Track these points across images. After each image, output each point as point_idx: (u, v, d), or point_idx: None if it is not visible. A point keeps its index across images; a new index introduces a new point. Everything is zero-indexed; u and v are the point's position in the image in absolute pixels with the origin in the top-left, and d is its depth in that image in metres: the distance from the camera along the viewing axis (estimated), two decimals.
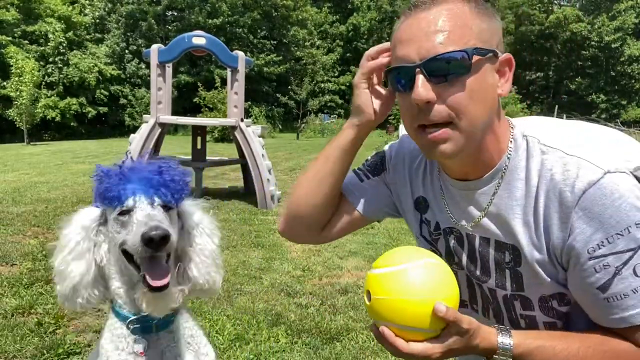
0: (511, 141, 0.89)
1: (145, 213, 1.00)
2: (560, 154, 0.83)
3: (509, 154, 0.88)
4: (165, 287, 0.99)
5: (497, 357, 0.79)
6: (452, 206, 0.97)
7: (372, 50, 0.98)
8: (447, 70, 0.79)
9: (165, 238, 0.94)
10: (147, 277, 0.99)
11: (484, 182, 0.90)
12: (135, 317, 1.08)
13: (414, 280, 0.75)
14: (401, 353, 0.78)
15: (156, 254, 0.98)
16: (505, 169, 0.88)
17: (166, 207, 1.04)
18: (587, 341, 0.80)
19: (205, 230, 1.15)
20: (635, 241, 0.75)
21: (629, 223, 0.76)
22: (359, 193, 1.12)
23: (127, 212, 1.02)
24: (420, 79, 0.80)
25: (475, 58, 0.79)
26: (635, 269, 0.76)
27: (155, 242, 0.94)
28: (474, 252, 0.95)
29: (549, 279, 0.85)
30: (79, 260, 1.06)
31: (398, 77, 0.85)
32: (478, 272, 0.96)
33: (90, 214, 1.10)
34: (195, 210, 1.17)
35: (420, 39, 0.80)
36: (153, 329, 1.09)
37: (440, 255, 1.02)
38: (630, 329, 0.78)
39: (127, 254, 1.03)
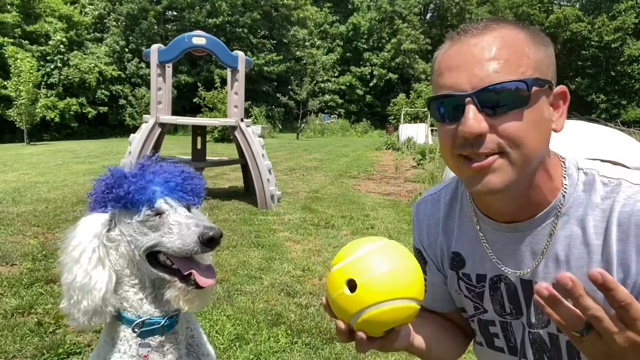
0: (564, 177, 0.82)
1: (185, 215, 1.03)
2: (627, 184, 0.78)
3: (564, 191, 0.81)
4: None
5: None
6: (497, 252, 0.89)
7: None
8: (503, 101, 0.72)
9: (222, 237, 1.00)
10: (197, 276, 1.03)
11: (537, 222, 0.83)
12: (141, 320, 1.08)
13: (393, 251, 0.73)
14: None
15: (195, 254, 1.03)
16: (561, 206, 0.81)
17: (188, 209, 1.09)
18: None
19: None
20: None
21: None
22: (433, 302, 1.06)
23: (157, 214, 1.03)
24: (471, 108, 0.72)
25: (534, 89, 0.73)
26: None
27: (215, 241, 0.99)
28: (530, 299, 0.88)
29: None
30: (100, 269, 1.04)
31: (442, 106, 0.77)
32: (534, 319, 0.89)
33: (98, 220, 1.07)
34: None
35: (472, 66, 0.73)
36: (160, 331, 1.09)
37: (486, 311, 0.95)
38: None
39: (150, 257, 1.06)
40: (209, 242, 0.98)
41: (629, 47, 39.62)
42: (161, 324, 1.08)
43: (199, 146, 7.34)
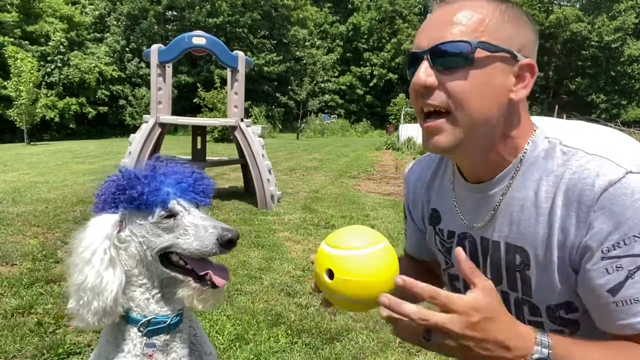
0: (529, 142, 0.87)
1: (200, 216, 1.05)
2: (582, 153, 0.82)
3: (523, 155, 0.87)
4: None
5: None
6: (464, 210, 0.97)
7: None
8: (450, 59, 0.79)
9: (239, 238, 1.02)
10: (213, 276, 1.06)
11: (496, 182, 0.89)
12: (147, 319, 1.08)
13: (379, 262, 0.79)
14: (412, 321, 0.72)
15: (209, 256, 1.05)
16: (517, 169, 0.87)
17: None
18: (618, 349, 0.77)
19: None
20: None
21: None
22: (411, 248, 1.20)
23: (171, 216, 1.04)
24: (424, 64, 0.81)
25: (481, 52, 0.79)
26: None
27: (233, 243, 1.01)
28: (487, 256, 0.94)
29: (558, 284, 0.84)
30: (112, 270, 1.04)
31: (409, 64, 0.86)
32: (489, 276, 0.94)
33: (109, 220, 1.06)
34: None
35: (433, 29, 0.82)
36: (166, 330, 1.09)
37: (453, 265, 1.02)
38: (637, 336, 0.75)
39: (162, 257, 1.07)
40: (228, 243, 1.01)
41: (629, 47, 39.63)
42: (167, 322, 1.09)
43: (199, 146, 7.34)
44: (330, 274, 0.79)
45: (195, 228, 1.03)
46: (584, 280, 0.80)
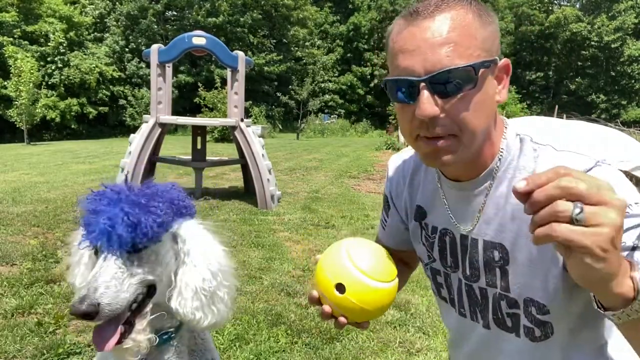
0: (503, 141, 0.89)
1: (96, 270, 0.94)
2: (551, 149, 0.84)
3: (501, 154, 0.88)
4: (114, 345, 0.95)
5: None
6: (452, 208, 0.97)
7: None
8: (452, 85, 0.77)
9: (89, 315, 0.88)
10: (93, 336, 0.96)
11: (478, 183, 0.91)
12: None
13: (388, 299, 0.84)
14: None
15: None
16: (497, 169, 0.88)
17: (138, 248, 0.97)
18: None
19: (193, 261, 1.05)
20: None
21: (629, 202, 0.75)
22: (387, 238, 1.19)
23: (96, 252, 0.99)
24: (425, 94, 0.77)
25: (481, 71, 0.78)
26: None
27: (79, 317, 0.88)
28: (466, 253, 0.95)
29: (537, 280, 0.85)
30: None
31: (399, 87, 0.82)
32: (468, 272, 0.96)
33: None
34: (192, 235, 1.07)
35: (425, 51, 0.77)
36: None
37: (434, 260, 1.04)
38: None
39: None
40: (78, 315, 0.89)
41: (628, 47, 39.62)
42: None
43: (199, 146, 7.33)
44: (341, 289, 0.80)
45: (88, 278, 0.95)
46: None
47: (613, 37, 39.54)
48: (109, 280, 0.92)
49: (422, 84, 0.77)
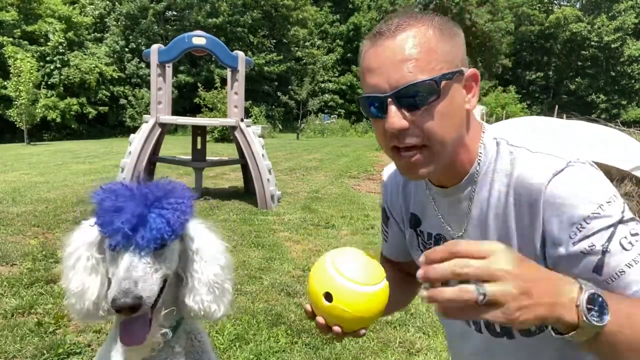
0: (481, 146, 0.91)
1: (127, 263, 0.96)
2: (525, 151, 0.86)
3: (479, 159, 0.91)
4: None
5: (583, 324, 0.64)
6: (443, 213, 1.00)
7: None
8: (417, 98, 0.81)
9: (134, 308, 0.90)
10: (120, 332, 0.97)
11: (461, 188, 0.93)
12: None
13: (377, 302, 0.84)
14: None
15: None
16: (477, 173, 0.91)
17: (162, 245, 1.00)
18: None
19: (204, 257, 1.10)
20: (612, 217, 0.76)
21: (600, 202, 0.76)
22: (391, 250, 1.21)
23: (114, 248, 0.99)
24: (392, 109, 0.82)
25: (444, 83, 0.81)
26: (621, 244, 0.75)
27: (121, 312, 0.91)
28: None
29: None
30: (94, 276, 1.05)
31: (370, 104, 0.86)
32: None
33: (93, 229, 1.06)
34: (198, 233, 1.12)
35: (388, 69, 0.82)
36: None
37: None
38: None
39: None
40: (119, 310, 0.91)
41: (628, 47, 39.65)
42: None
43: (199, 146, 7.33)
44: (329, 297, 0.82)
45: (116, 275, 0.95)
46: (565, 270, 0.79)
47: (613, 37, 39.56)
48: (143, 275, 0.96)
49: (389, 99, 0.82)
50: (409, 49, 0.81)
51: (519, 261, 0.63)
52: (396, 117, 0.82)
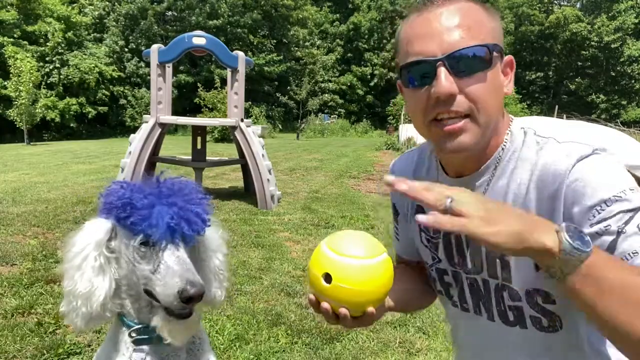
0: (507, 133, 0.91)
1: (175, 257, 0.98)
2: (553, 141, 0.86)
3: (504, 145, 0.90)
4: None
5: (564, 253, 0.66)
6: None
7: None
8: (469, 64, 0.81)
9: (201, 296, 0.94)
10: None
11: (479, 175, 0.92)
12: (137, 327, 1.07)
13: (378, 274, 0.82)
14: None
15: None
16: (499, 160, 0.90)
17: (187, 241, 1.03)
18: None
19: (210, 247, 1.16)
20: (632, 202, 0.75)
21: (623, 187, 0.76)
22: (404, 249, 1.19)
23: (149, 243, 0.99)
24: (443, 72, 0.80)
25: (494, 54, 0.83)
26: (639, 227, 0.74)
27: (194, 300, 0.94)
28: (468, 245, 0.96)
29: (535, 269, 0.85)
30: (102, 276, 1.03)
31: (415, 71, 0.84)
32: (470, 265, 0.97)
33: (102, 226, 1.05)
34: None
35: (441, 33, 0.81)
36: (154, 341, 1.07)
37: (440, 260, 1.04)
38: None
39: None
40: (188, 300, 0.93)
41: (628, 48, 39.63)
42: (156, 334, 1.06)
43: (199, 146, 7.33)
44: (328, 278, 0.80)
45: (166, 270, 0.97)
46: None
47: (613, 37, 39.54)
48: (192, 265, 1.00)
49: (439, 63, 0.80)
50: (462, 17, 0.82)
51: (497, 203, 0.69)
52: (447, 81, 0.80)
